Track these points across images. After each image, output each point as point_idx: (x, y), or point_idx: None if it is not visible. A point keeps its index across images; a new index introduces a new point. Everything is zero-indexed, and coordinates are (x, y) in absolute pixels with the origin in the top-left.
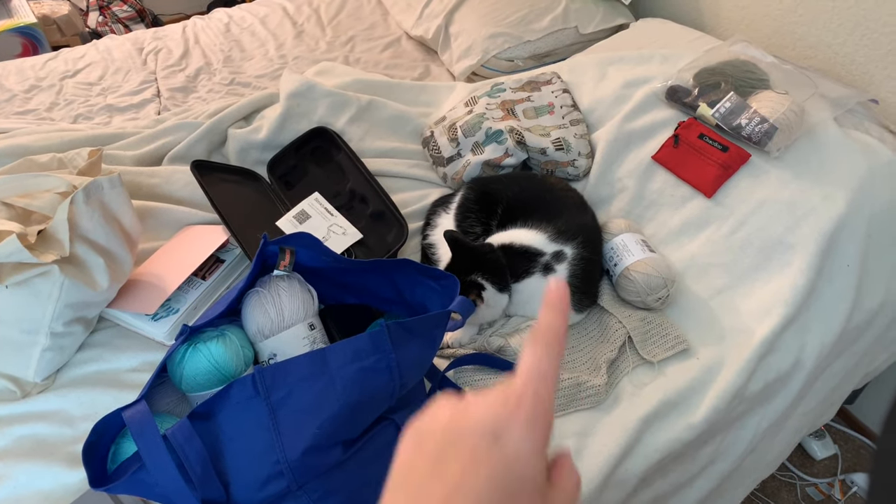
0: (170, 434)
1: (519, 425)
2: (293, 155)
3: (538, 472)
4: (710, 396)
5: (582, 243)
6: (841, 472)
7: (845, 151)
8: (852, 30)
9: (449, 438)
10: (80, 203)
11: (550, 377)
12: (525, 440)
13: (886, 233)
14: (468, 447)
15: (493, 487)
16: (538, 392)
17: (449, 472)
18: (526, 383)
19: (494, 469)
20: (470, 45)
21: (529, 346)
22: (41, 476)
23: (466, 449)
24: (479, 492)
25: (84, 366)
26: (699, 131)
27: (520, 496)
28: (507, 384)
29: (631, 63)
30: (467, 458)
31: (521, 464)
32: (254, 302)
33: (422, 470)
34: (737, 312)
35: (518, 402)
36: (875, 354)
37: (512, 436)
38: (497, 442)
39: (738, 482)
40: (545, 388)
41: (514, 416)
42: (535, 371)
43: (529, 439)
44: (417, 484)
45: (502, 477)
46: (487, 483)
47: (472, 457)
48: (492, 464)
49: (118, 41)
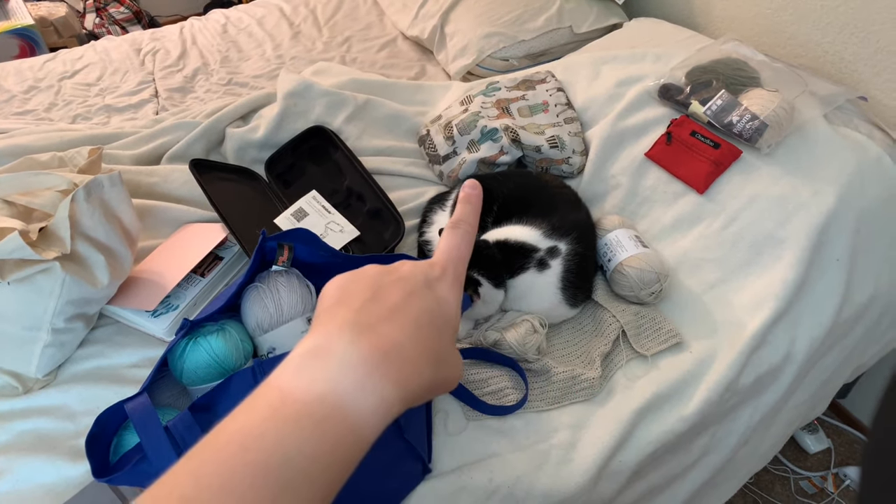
0: (171, 426)
1: (446, 283)
2: (291, 154)
3: (456, 320)
4: (703, 389)
5: (576, 239)
6: (834, 466)
7: (835, 148)
8: (841, 28)
9: (385, 280)
10: (81, 201)
11: (465, 258)
12: (450, 293)
13: (875, 227)
14: (405, 285)
15: (427, 317)
16: (457, 267)
17: (390, 298)
18: (447, 260)
19: (428, 303)
20: (465, 44)
21: (448, 234)
22: (43, 470)
23: (404, 286)
24: (417, 316)
25: (85, 362)
26: (691, 129)
27: (444, 330)
28: (429, 259)
29: (624, 62)
30: (406, 291)
31: (447, 307)
32: (253, 297)
33: (361, 296)
34: (729, 306)
35: (443, 270)
36: (865, 348)
37: (440, 287)
38: (429, 287)
39: (731, 474)
40: (462, 266)
41: (441, 277)
42: (454, 251)
43: (453, 294)
44: (360, 304)
45: (434, 311)
46: (422, 312)
47: (410, 290)
48: (426, 299)
49: (116, 42)
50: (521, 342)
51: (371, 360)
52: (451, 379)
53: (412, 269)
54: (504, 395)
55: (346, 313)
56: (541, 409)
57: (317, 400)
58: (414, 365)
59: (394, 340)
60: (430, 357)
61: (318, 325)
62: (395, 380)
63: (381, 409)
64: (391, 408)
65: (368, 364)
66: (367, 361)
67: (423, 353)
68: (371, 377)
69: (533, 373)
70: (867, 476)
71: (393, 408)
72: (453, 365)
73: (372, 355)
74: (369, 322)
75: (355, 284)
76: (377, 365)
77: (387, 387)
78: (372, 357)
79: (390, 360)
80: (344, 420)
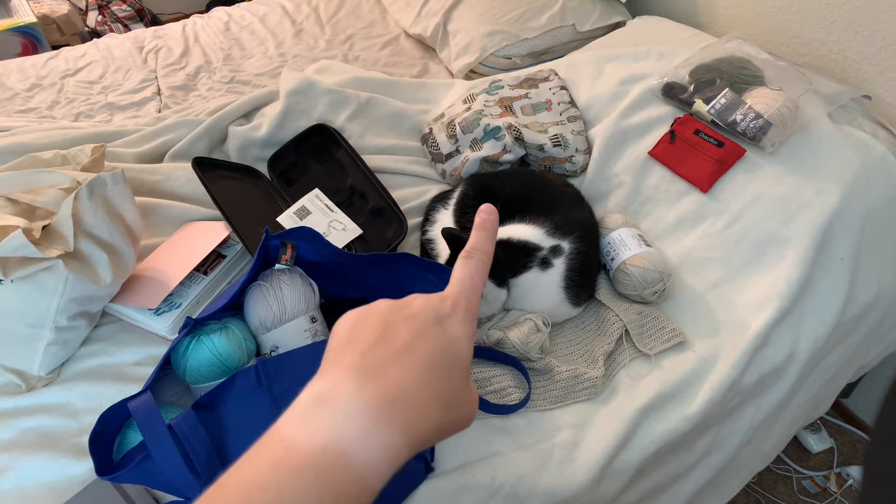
0: (175, 424)
1: (457, 319)
2: (293, 152)
3: (468, 358)
4: (706, 388)
5: (579, 238)
6: (837, 466)
7: (839, 146)
8: (845, 27)
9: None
10: (84, 199)
11: (479, 289)
12: (462, 329)
13: (879, 227)
14: (415, 323)
15: (437, 357)
16: (470, 300)
17: (398, 338)
18: (460, 292)
19: (438, 342)
20: (468, 42)
21: (461, 264)
22: (46, 468)
23: (414, 324)
24: (425, 357)
25: (88, 360)
26: (695, 127)
27: (454, 370)
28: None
29: (627, 60)
30: (415, 330)
31: (458, 345)
32: (256, 295)
33: (369, 337)
34: (732, 306)
35: (455, 304)
36: (869, 347)
37: (452, 324)
38: (440, 325)
39: (733, 473)
40: (476, 297)
41: (453, 312)
42: (467, 282)
43: (465, 330)
44: (367, 345)
45: (444, 350)
46: (432, 352)
47: (420, 330)
48: (436, 338)
49: (118, 40)
50: (524, 341)
51: (376, 407)
52: (463, 418)
53: (422, 306)
54: (507, 393)
55: (352, 356)
56: (544, 408)
57: (320, 450)
58: (421, 409)
59: (400, 385)
60: (439, 399)
61: (325, 367)
62: (402, 426)
63: (387, 457)
64: (397, 455)
65: (373, 411)
66: (371, 409)
67: (432, 396)
68: (376, 425)
69: (536, 372)
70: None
71: (399, 455)
72: (466, 404)
73: (377, 402)
74: (375, 366)
75: (365, 323)
76: (382, 412)
77: (392, 434)
78: (377, 404)
79: (396, 405)
80: (347, 470)
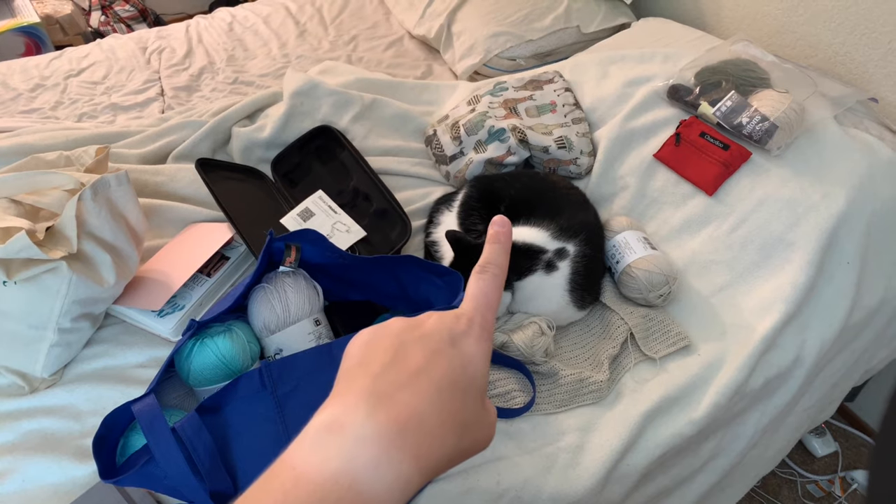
0: (178, 427)
1: (472, 338)
2: (297, 153)
3: (484, 379)
4: (711, 392)
5: (584, 241)
6: (841, 469)
7: (845, 150)
8: (852, 29)
9: (407, 337)
10: (88, 200)
11: (494, 304)
12: (477, 349)
13: (886, 230)
14: (429, 343)
15: (451, 379)
16: (485, 316)
17: (411, 360)
18: (475, 308)
19: (452, 364)
20: (472, 44)
21: (475, 279)
22: (49, 470)
23: (427, 344)
24: (439, 378)
25: (91, 361)
26: (700, 130)
27: (469, 392)
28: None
29: (632, 62)
30: (429, 351)
31: (474, 366)
32: (260, 297)
33: (382, 359)
34: (738, 309)
35: (469, 322)
36: (875, 351)
37: (467, 343)
38: (454, 345)
39: (738, 478)
40: (491, 314)
41: (468, 331)
42: (482, 298)
43: (480, 349)
44: (379, 368)
45: (458, 372)
46: (446, 373)
47: (434, 351)
48: (450, 359)
49: (122, 40)
50: (528, 344)
51: (388, 434)
52: (479, 442)
53: (436, 325)
54: (511, 397)
55: (364, 380)
56: (548, 412)
57: (330, 479)
58: (434, 436)
59: (413, 410)
60: (454, 424)
61: (336, 391)
62: (415, 455)
63: (398, 485)
64: (409, 483)
65: (385, 439)
66: (383, 436)
67: (446, 421)
68: (387, 453)
69: (540, 375)
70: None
71: (411, 483)
72: (482, 427)
73: (389, 428)
74: (387, 391)
75: (377, 344)
76: (393, 439)
77: (404, 462)
78: (389, 430)
79: (408, 432)
80: (358, 498)
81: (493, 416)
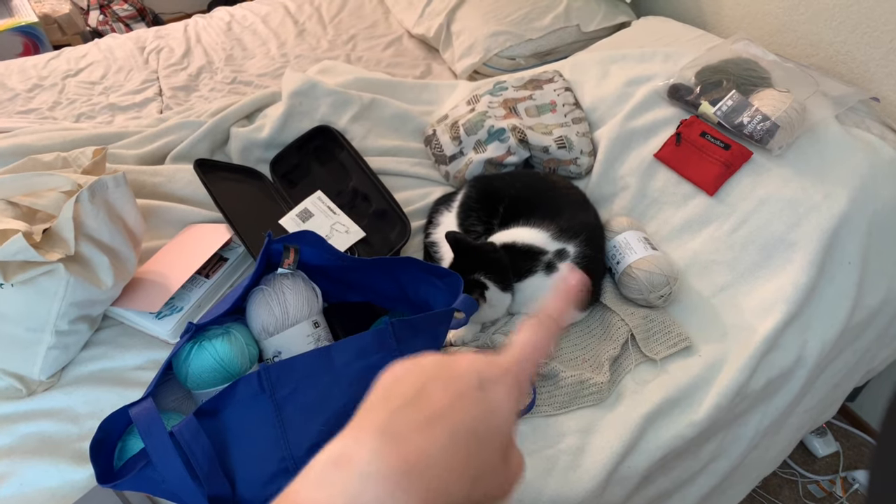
0: (176, 431)
1: (502, 387)
2: (296, 153)
3: (507, 432)
4: (713, 394)
5: (584, 241)
6: (842, 470)
7: (847, 149)
8: (853, 28)
9: (435, 375)
10: (86, 202)
11: (538, 360)
12: (505, 399)
13: (888, 230)
14: (454, 386)
15: (470, 426)
16: (525, 369)
17: (433, 401)
18: (517, 358)
19: (475, 410)
20: (472, 43)
21: (530, 328)
22: (47, 473)
23: (452, 386)
24: (457, 424)
25: (89, 364)
26: (701, 129)
27: (487, 442)
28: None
29: (633, 61)
30: (452, 393)
31: (498, 417)
32: (258, 300)
33: (404, 395)
34: (739, 310)
35: (505, 371)
36: (876, 352)
37: (495, 391)
38: (481, 391)
39: (740, 479)
40: (531, 368)
41: (500, 379)
42: (529, 350)
43: (509, 400)
44: (399, 405)
45: (480, 420)
46: (466, 420)
47: (457, 394)
48: (474, 405)
49: (120, 40)
50: None
51: (395, 474)
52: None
53: (468, 367)
54: None
55: (381, 415)
56: (548, 414)
57: None
58: (443, 482)
59: (423, 452)
60: (466, 473)
61: (354, 422)
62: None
63: None
64: None
65: (391, 479)
66: (389, 477)
67: (457, 469)
68: (393, 495)
69: (540, 377)
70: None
71: None
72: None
73: (397, 469)
74: (400, 430)
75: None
76: (399, 480)
77: None
78: (395, 471)
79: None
80: None
81: (515, 471)
